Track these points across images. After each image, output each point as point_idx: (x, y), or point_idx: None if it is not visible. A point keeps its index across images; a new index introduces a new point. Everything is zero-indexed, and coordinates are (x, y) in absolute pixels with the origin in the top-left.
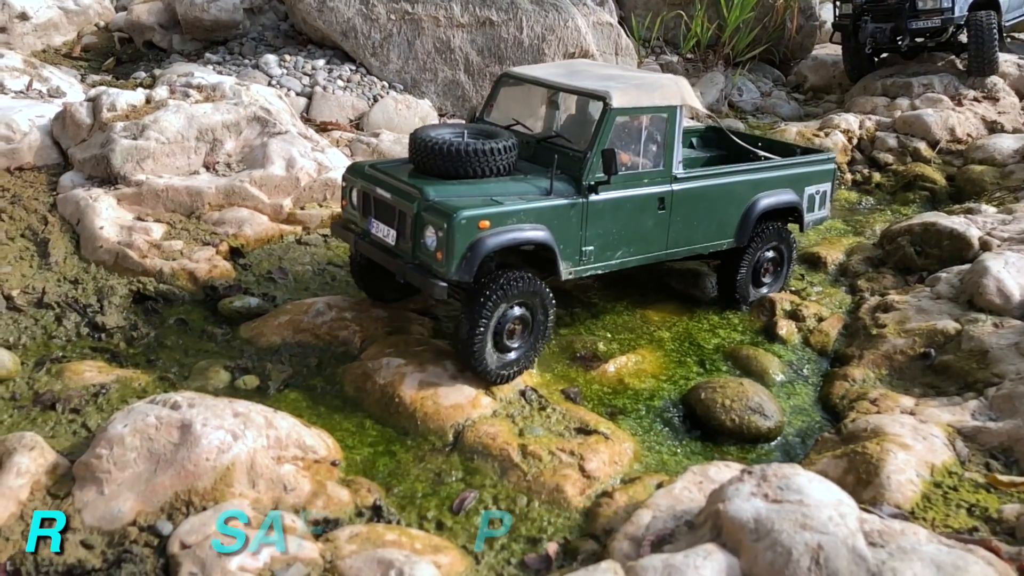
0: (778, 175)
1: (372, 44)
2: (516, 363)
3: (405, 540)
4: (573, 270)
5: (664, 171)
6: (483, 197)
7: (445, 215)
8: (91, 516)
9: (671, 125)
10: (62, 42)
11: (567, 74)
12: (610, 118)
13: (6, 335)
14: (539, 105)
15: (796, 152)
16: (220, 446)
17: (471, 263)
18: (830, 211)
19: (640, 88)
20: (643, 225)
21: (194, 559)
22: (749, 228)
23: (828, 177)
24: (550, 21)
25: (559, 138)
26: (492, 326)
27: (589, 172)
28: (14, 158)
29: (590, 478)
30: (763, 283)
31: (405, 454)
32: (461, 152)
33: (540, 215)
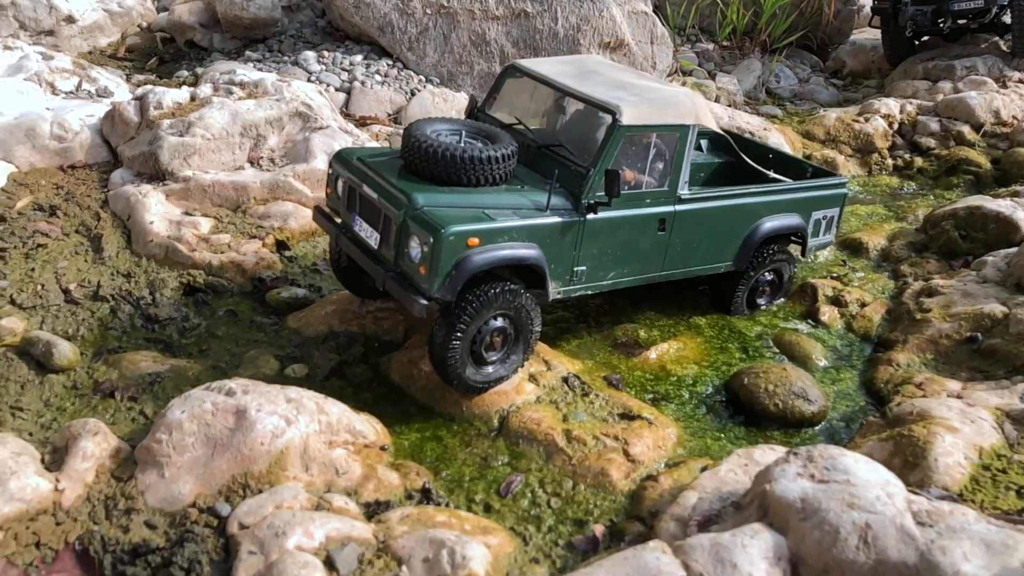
0: (786, 199)
1: (408, 38)
2: (494, 376)
3: (455, 522)
4: (562, 290)
5: (669, 191)
6: (475, 209)
7: (432, 228)
8: (153, 498)
9: (682, 144)
10: (107, 43)
11: (577, 75)
12: (618, 135)
13: (66, 327)
14: (544, 104)
15: (808, 170)
16: (274, 431)
17: (455, 281)
18: (835, 237)
19: (653, 103)
20: (640, 246)
21: (252, 539)
22: (749, 253)
23: (838, 202)
24: (585, 11)
25: (562, 148)
26: (469, 338)
27: (590, 191)
28: (67, 157)
29: (635, 462)
30: (757, 304)
31: (451, 439)
32: (456, 159)
33: (533, 233)
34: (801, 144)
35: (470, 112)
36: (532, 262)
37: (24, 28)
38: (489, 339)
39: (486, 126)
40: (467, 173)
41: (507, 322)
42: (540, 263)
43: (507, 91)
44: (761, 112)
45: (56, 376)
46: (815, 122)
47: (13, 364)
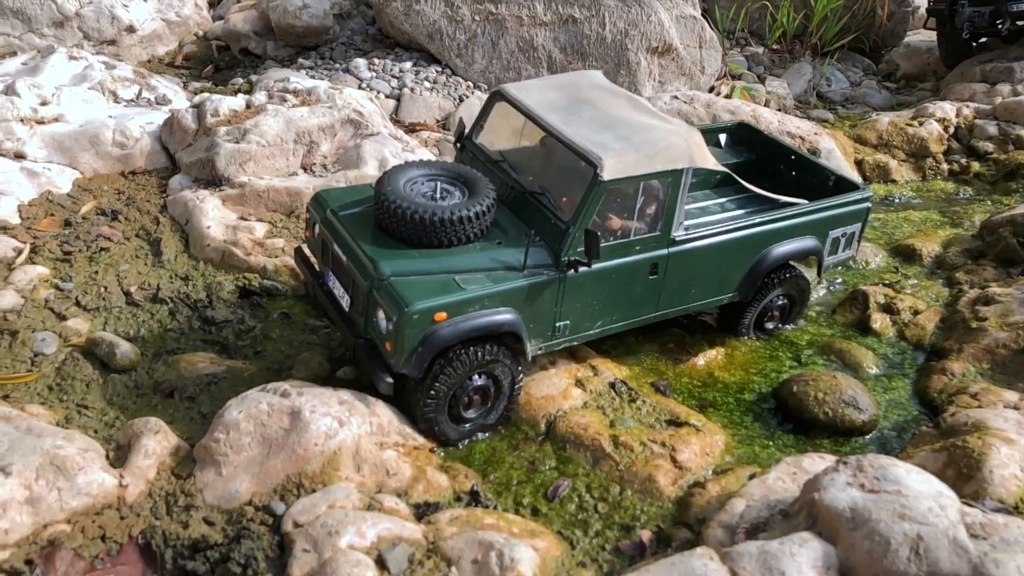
0: (799, 223)
1: (457, 45)
2: (475, 429)
3: (503, 524)
4: (543, 346)
5: (661, 236)
6: (445, 275)
7: (396, 305)
8: (211, 495)
9: (674, 189)
10: (165, 52)
11: (566, 107)
12: (598, 192)
13: (127, 328)
14: (529, 138)
15: (830, 178)
16: (327, 432)
17: (422, 358)
18: (857, 250)
19: (640, 151)
20: (630, 293)
21: (306, 537)
22: (756, 283)
23: (860, 217)
24: (632, 16)
25: (544, 196)
26: (444, 401)
27: (569, 248)
28: (128, 163)
29: (682, 468)
30: (766, 328)
31: (499, 443)
32: (427, 222)
33: (507, 298)
34: (853, 148)
35: (459, 136)
36: (507, 328)
37: (88, 38)
38: (468, 399)
39: (466, 170)
40: (439, 235)
41: (486, 379)
42: (515, 328)
43: (494, 118)
44: (812, 116)
45: (118, 375)
46: (867, 126)
47: (79, 363)
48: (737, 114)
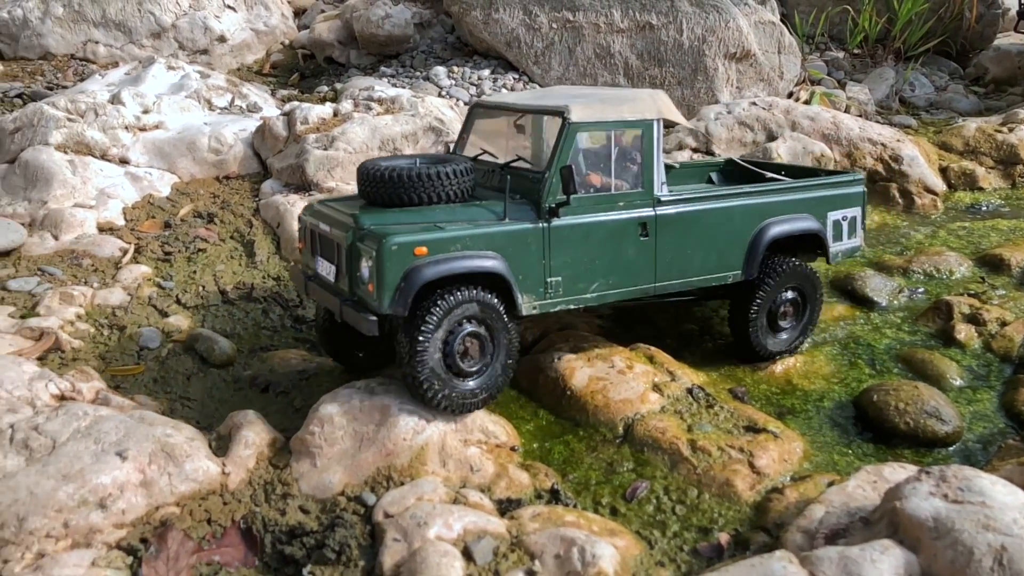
0: (790, 199)
1: (535, 53)
2: (478, 392)
3: (583, 522)
4: (537, 304)
5: (644, 192)
6: (426, 223)
7: (376, 242)
8: (307, 485)
9: (648, 141)
10: (253, 60)
11: (537, 97)
12: (569, 133)
13: (224, 325)
14: (507, 131)
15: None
16: (415, 428)
17: (405, 295)
18: (863, 240)
19: (606, 102)
20: (622, 254)
21: (397, 527)
22: (758, 258)
23: (856, 201)
24: (711, 22)
25: (520, 161)
26: (436, 347)
27: (549, 193)
28: (222, 168)
29: (760, 474)
30: (781, 328)
31: (578, 444)
32: (404, 177)
33: (491, 241)
34: (937, 155)
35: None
36: (493, 271)
37: (183, 48)
38: (463, 346)
39: (445, 155)
40: (418, 191)
41: (480, 327)
42: (503, 272)
43: (476, 130)
44: (894, 122)
45: (217, 370)
46: (953, 132)
47: (180, 358)
48: (817, 120)
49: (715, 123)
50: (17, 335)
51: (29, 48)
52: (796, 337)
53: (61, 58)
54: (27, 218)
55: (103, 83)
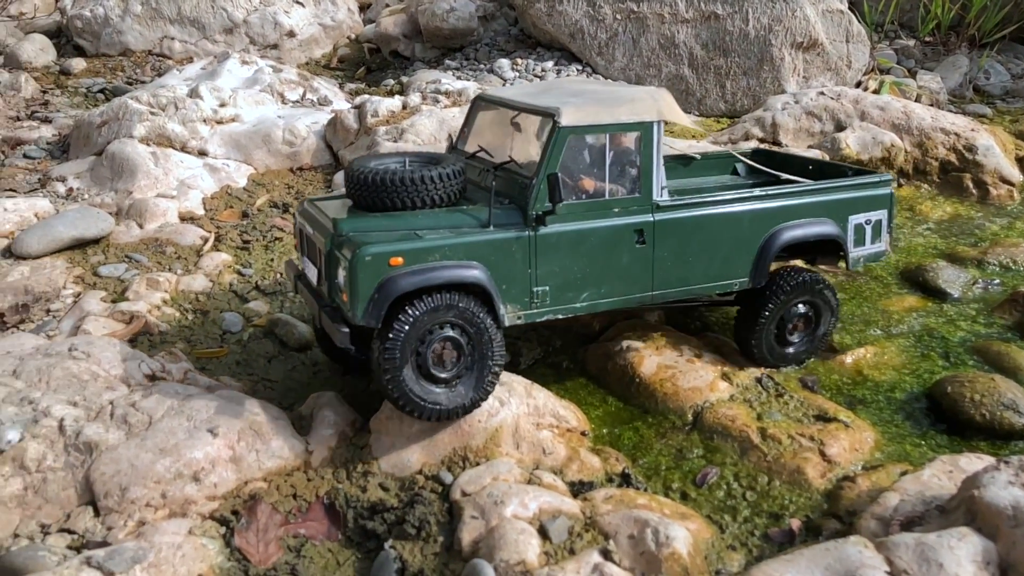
0: (806, 202)
1: (598, 44)
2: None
3: (655, 505)
4: (523, 313)
5: (641, 198)
6: (407, 231)
7: (351, 250)
8: (386, 463)
9: (647, 145)
10: (321, 55)
11: (538, 92)
12: (559, 137)
13: (300, 311)
14: (505, 127)
15: (847, 173)
16: (489, 410)
17: (379, 306)
18: (889, 244)
19: (602, 103)
20: (616, 262)
21: (474, 505)
22: (767, 265)
23: (882, 204)
24: (777, 11)
25: (512, 163)
26: (411, 349)
27: (536, 200)
28: (296, 160)
29: (831, 462)
30: (789, 342)
31: (647, 430)
32: (388, 182)
33: (472, 250)
34: (1014, 145)
35: (451, 146)
36: (473, 282)
37: (253, 43)
38: (439, 351)
39: (436, 154)
40: (402, 196)
41: (459, 333)
42: (483, 283)
43: (478, 124)
44: (968, 111)
45: (296, 353)
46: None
47: (261, 342)
48: (887, 110)
49: (782, 113)
50: (109, 318)
51: (110, 45)
52: (804, 351)
53: (139, 54)
54: (114, 207)
55: (181, 78)
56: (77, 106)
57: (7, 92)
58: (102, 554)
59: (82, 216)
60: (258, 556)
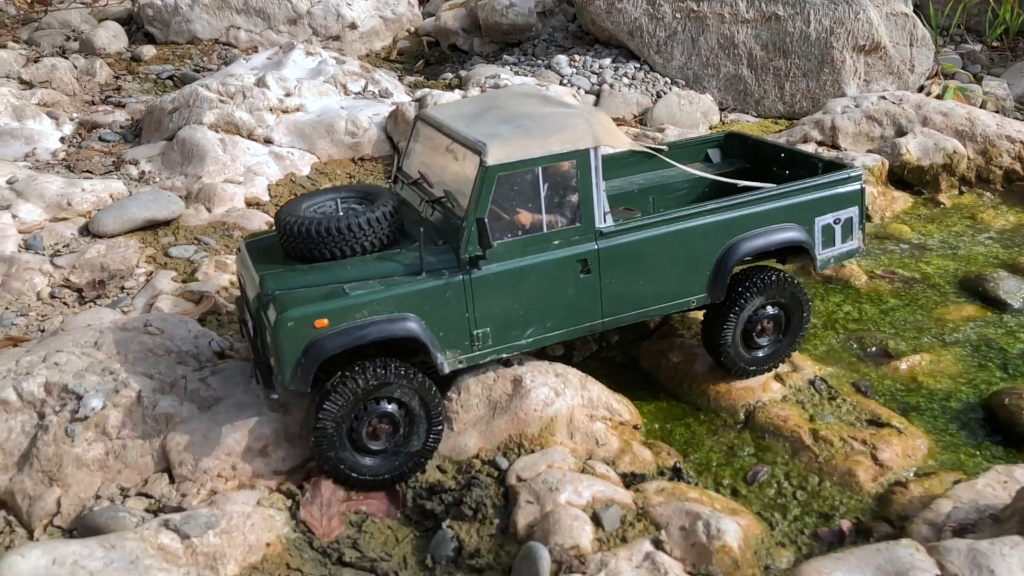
0: (766, 209)
1: (657, 42)
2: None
3: (705, 499)
4: (464, 357)
5: (583, 227)
6: (334, 285)
7: (273, 315)
8: (444, 447)
9: (584, 172)
10: (381, 47)
11: (475, 114)
12: (487, 178)
13: None
14: (443, 152)
15: (818, 166)
16: (545, 400)
17: (306, 371)
18: (863, 241)
19: (531, 134)
20: (560, 295)
21: (529, 491)
22: (726, 279)
23: (852, 200)
24: (839, 14)
25: (448, 198)
26: (339, 426)
27: (468, 244)
28: (357, 150)
29: (883, 467)
30: (759, 345)
31: (698, 426)
32: (314, 233)
33: (403, 302)
34: None
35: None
36: (405, 335)
37: (316, 34)
38: (372, 426)
39: (374, 188)
40: (330, 246)
41: (396, 407)
42: (417, 335)
43: (420, 144)
44: None
45: None
46: None
47: None
48: (950, 116)
49: (842, 117)
50: (180, 297)
51: (179, 33)
52: (777, 354)
53: (206, 42)
54: (184, 191)
55: (248, 67)
56: (147, 92)
57: (83, 77)
58: (178, 518)
59: (154, 199)
60: (322, 529)
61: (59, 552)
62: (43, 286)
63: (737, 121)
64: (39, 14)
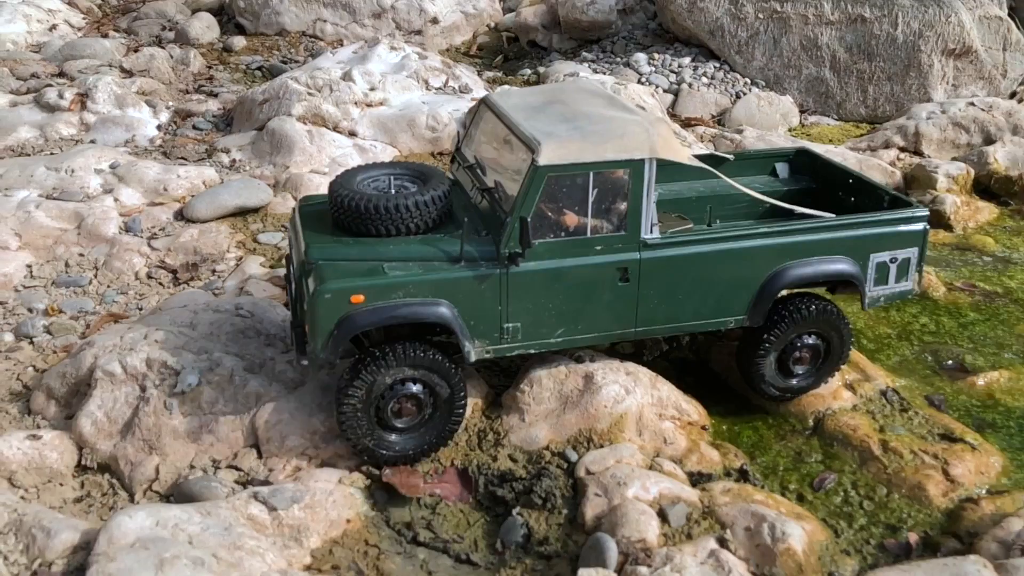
0: (821, 239)
1: (738, 42)
2: (404, 447)
3: (771, 502)
4: (492, 348)
5: (628, 236)
6: (374, 262)
7: (313, 285)
8: (515, 437)
9: (636, 183)
10: (461, 42)
11: (537, 107)
12: (537, 177)
13: None
14: (501, 141)
15: (884, 199)
16: (615, 397)
17: (337, 343)
18: (918, 283)
19: (588, 138)
20: (596, 300)
21: (598, 484)
22: (768, 304)
23: (914, 240)
24: (929, 16)
25: (496, 191)
26: (365, 402)
27: (509, 239)
28: (437, 144)
29: (954, 482)
30: (794, 373)
31: (766, 430)
32: (363, 209)
33: (438, 288)
34: None
35: (457, 147)
36: (436, 320)
37: (399, 28)
38: (398, 405)
39: (428, 168)
40: (376, 224)
41: (422, 388)
42: (448, 321)
43: (481, 127)
44: None
45: None
46: None
47: None
48: None
49: (926, 123)
50: (268, 282)
51: (268, 25)
52: (811, 383)
53: (294, 35)
54: (272, 180)
55: (334, 60)
56: (237, 82)
57: (178, 67)
58: (266, 491)
59: (244, 186)
60: (406, 488)
61: (162, 515)
62: (141, 267)
63: (817, 124)
64: (137, 4)
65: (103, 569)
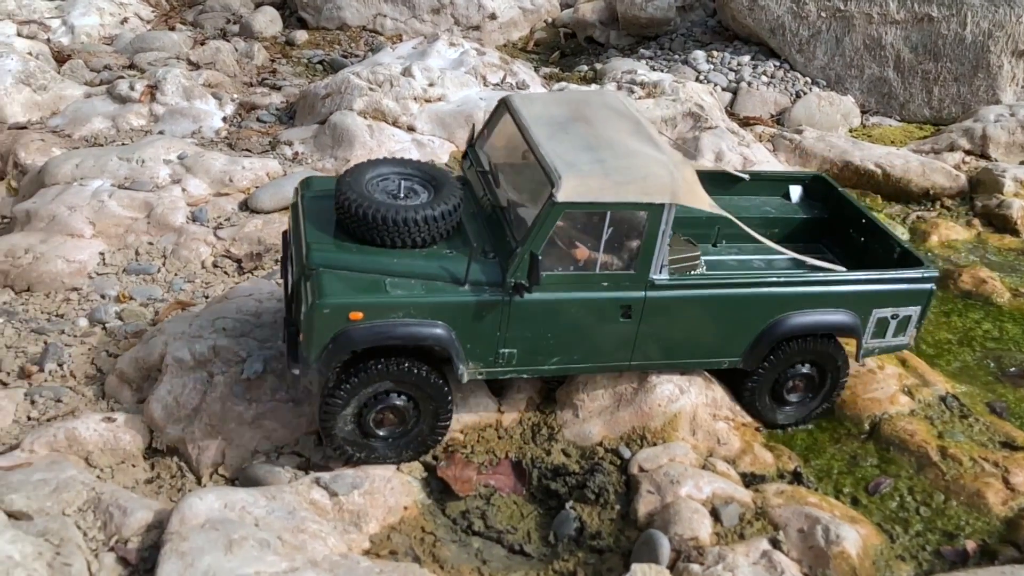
0: (824, 291)
1: (799, 41)
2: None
3: (825, 505)
4: (484, 370)
5: (636, 275)
6: (376, 276)
7: (312, 296)
8: (569, 432)
9: (652, 226)
10: (518, 37)
11: (560, 124)
12: (552, 214)
13: None
14: (518, 152)
15: (894, 251)
16: (670, 396)
17: (331, 356)
18: (913, 339)
19: (609, 176)
20: (594, 333)
21: (651, 481)
22: (764, 350)
23: (919, 299)
24: (999, 17)
25: (508, 211)
26: (352, 408)
27: (516, 270)
28: None
29: (1014, 491)
30: (788, 402)
31: (821, 434)
32: (370, 218)
33: (439, 311)
34: None
35: (470, 141)
36: (432, 343)
37: (457, 23)
38: (380, 415)
39: (440, 173)
40: (382, 235)
41: (405, 400)
42: (444, 345)
43: (499, 128)
44: None
45: None
46: None
47: None
48: None
49: (994, 125)
50: None
51: (329, 19)
52: (810, 411)
53: (355, 29)
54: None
55: (394, 56)
56: (299, 75)
57: (242, 60)
58: (327, 477)
59: None
60: (459, 484)
61: (229, 498)
62: (207, 255)
63: (879, 125)
64: None
65: (176, 547)
